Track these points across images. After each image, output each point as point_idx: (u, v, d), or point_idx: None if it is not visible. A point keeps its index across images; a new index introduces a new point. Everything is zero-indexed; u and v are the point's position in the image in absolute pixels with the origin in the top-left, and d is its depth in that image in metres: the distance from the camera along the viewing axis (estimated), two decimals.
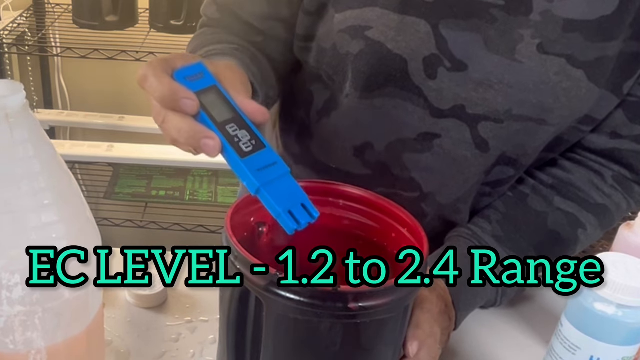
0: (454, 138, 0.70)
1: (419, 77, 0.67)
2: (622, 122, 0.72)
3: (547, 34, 0.64)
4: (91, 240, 0.49)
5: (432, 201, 0.75)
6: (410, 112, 0.69)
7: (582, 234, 0.74)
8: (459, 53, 0.66)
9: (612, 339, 0.55)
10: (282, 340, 0.51)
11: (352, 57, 0.68)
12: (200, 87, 0.50)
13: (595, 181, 0.75)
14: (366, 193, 0.60)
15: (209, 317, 0.71)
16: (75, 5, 1.70)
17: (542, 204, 0.74)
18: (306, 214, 0.48)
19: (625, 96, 0.70)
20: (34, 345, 0.47)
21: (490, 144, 0.70)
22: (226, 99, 0.51)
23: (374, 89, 0.69)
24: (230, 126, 0.49)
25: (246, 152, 0.48)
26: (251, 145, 0.49)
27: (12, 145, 0.44)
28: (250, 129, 0.50)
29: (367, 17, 0.66)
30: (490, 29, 0.65)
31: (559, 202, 0.74)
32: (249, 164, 0.48)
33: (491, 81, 0.66)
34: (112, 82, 1.96)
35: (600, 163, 0.75)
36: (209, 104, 0.50)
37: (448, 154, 0.71)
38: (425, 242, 0.54)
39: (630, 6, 0.64)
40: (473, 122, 0.69)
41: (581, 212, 0.74)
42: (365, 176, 0.75)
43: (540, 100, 0.67)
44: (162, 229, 1.83)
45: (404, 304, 0.52)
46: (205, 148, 0.48)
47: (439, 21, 0.65)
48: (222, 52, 0.68)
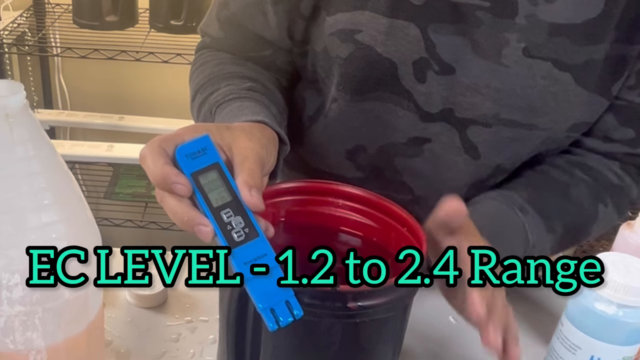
0: (444, 142, 0.70)
1: (409, 80, 0.67)
2: (612, 125, 0.71)
3: (533, 37, 0.64)
4: (91, 240, 0.49)
5: (424, 205, 0.75)
6: (400, 116, 0.69)
7: (602, 210, 0.73)
8: (446, 57, 0.66)
9: (612, 339, 0.55)
10: (282, 340, 0.51)
11: (342, 61, 0.68)
12: (202, 165, 0.48)
13: (608, 163, 0.75)
14: (366, 193, 0.60)
15: (209, 317, 0.71)
16: (75, 5, 1.70)
17: (564, 175, 0.73)
18: (288, 313, 0.47)
19: (615, 99, 0.70)
20: (34, 345, 0.47)
21: (480, 150, 0.70)
22: (227, 178, 0.49)
23: (364, 92, 0.69)
24: (225, 211, 0.48)
25: (237, 242, 0.47)
26: (244, 233, 0.47)
27: (12, 145, 0.44)
28: (246, 215, 0.48)
29: (357, 21, 0.66)
30: (477, 33, 0.65)
31: (580, 174, 0.73)
32: (237, 256, 0.47)
33: (478, 85, 0.66)
34: (112, 82, 1.96)
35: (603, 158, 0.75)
36: (207, 184, 0.48)
37: (438, 159, 0.71)
38: (425, 242, 0.54)
39: (615, 9, 0.64)
40: (462, 126, 0.69)
41: (600, 189, 0.73)
42: (358, 179, 0.75)
43: (528, 104, 0.66)
44: (162, 229, 1.83)
45: (404, 303, 0.52)
46: (199, 234, 0.48)
47: (427, 24, 0.65)
48: (239, 96, 0.65)
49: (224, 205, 0.48)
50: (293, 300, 0.47)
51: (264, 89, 0.70)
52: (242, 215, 0.48)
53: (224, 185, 0.48)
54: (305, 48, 0.72)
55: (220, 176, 0.49)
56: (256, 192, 0.48)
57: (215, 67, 0.72)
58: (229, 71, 0.71)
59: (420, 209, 0.75)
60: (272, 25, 0.71)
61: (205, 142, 0.49)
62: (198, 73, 0.73)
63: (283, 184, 0.60)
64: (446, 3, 0.64)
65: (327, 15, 0.68)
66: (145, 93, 1.94)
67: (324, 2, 0.68)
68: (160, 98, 1.89)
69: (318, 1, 0.68)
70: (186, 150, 0.49)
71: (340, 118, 0.73)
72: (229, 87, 0.67)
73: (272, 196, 0.59)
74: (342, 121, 0.73)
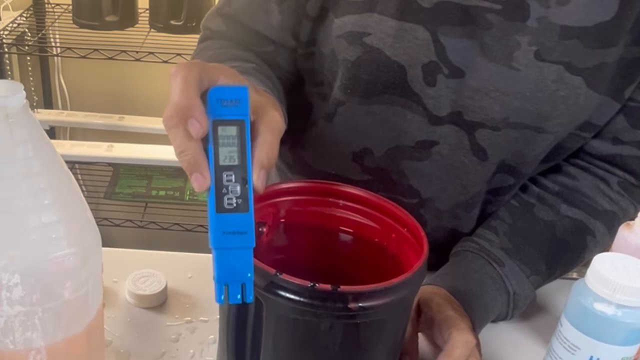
0: (452, 144, 0.70)
1: (418, 84, 0.67)
2: (623, 127, 0.71)
3: (544, 40, 0.64)
4: (91, 240, 0.49)
5: (431, 207, 0.75)
6: (408, 119, 0.69)
7: (590, 241, 0.73)
8: (456, 60, 0.65)
9: (611, 339, 0.55)
10: (282, 341, 0.51)
11: (349, 64, 0.67)
12: (229, 116, 0.46)
13: (602, 187, 0.74)
14: (366, 193, 0.60)
15: (209, 317, 0.71)
16: (75, 5, 1.70)
17: (549, 212, 0.73)
18: (239, 294, 0.46)
19: (627, 102, 0.69)
20: (34, 345, 0.47)
21: (488, 152, 0.70)
22: (245, 141, 0.46)
23: (372, 95, 0.68)
24: (228, 173, 0.46)
25: (225, 209, 0.46)
26: (235, 203, 0.46)
27: (12, 145, 0.44)
28: (244, 186, 0.46)
29: (366, 23, 0.65)
30: (487, 36, 0.64)
31: (565, 209, 0.73)
32: (219, 222, 0.45)
33: (487, 89, 0.66)
34: (112, 82, 1.96)
35: (605, 169, 0.74)
36: (223, 139, 0.46)
37: (446, 161, 0.71)
38: (425, 242, 0.54)
39: (630, 11, 0.63)
40: (470, 129, 0.69)
41: (589, 219, 0.73)
42: (364, 182, 0.74)
43: (538, 108, 0.66)
44: (162, 229, 1.83)
45: (404, 304, 0.52)
46: (194, 181, 0.46)
47: (437, 27, 0.64)
48: (245, 71, 0.65)
49: (229, 167, 0.46)
50: (249, 285, 0.46)
51: (267, 75, 0.69)
52: (242, 184, 0.46)
53: (238, 146, 0.46)
54: (311, 49, 0.72)
55: (239, 135, 0.46)
56: (264, 175, 0.47)
57: (218, 50, 0.72)
58: (233, 54, 0.70)
59: (426, 212, 0.75)
60: (275, 25, 0.71)
61: (242, 94, 0.46)
62: (199, 56, 0.72)
63: (283, 184, 0.60)
64: (456, 6, 0.63)
65: (335, 17, 0.67)
66: (145, 93, 1.94)
67: (331, 3, 0.67)
68: (160, 98, 1.89)
69: (325, 2, 0.67)
70: (221, 94, 0.46)
71: (347, 121, 0.72)
72: (234, 64, 0.66)
73: (272, 196, 0.59)
74: (349, 124, 0.72)
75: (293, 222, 0.60)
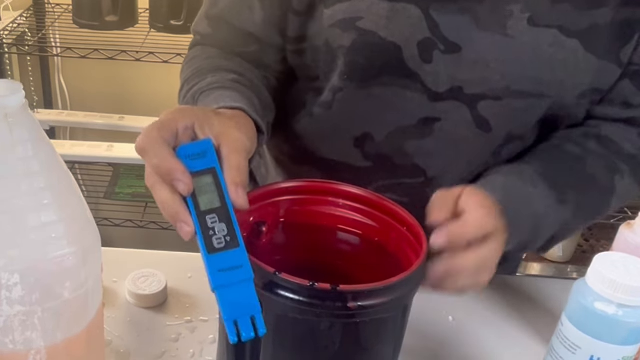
0: (455, 120, 0.70)
1: (414, 62, 0.67)
2: (631, 92, 0.71)
3: (536, 6, 0.65)
4: (91, 240, 0.49)
5: (437, 185, 0.74)
6: (408, 98, 0.69)
7: (619, 181, 0.72)
8: (451, 35, 0.66)
9: (612, 339, 0.55)
10: (282, 340, 0.51)
11: (345, 50, 0.68)
12: (198, 167, 0.50)
13: (625, 134, 0.74)
14: (366, 192, 0.60)
15: (209, 317, 0.71)
16: (75, 5, 1.70)
17: (576, 148, 0.72)
18: (251, 328, 0.47)
19: (629, 65, 0.69)
20: (34, 345, 0.47)
21: (492, 123, 0.70)
22: (221, 185, 0.50)
23: (370, 78, 0.69)
24: (211, 217, 0.49)
25: (216, 249, 0.48)
26: (224, 242, 0.48)
27: (11, 145, 0.44)
28: (230, 224, 0.49)
29: (357, 8, 0.66)
30: (479, 9, 0.65)
31: (593, 146, 0.73)
32: (214, 262, 0.48)
33: (486, 59, 0.66)
34: (112, 82, 1.96)
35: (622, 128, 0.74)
36: (199, 188, 0.49)
37: (450, 136, 0.71)
38: (424, 241, 0.54)
39: None
40: (472, 102, 0.69)
41: (617, 160, 0.72)
42: (366, 167, 0.75)
43: (538, 74, 0.67)
44: (162, 229, 1.83)
45: (404, 303, 0.52)
46: (180, 231, 0.49)
47: (429, 5, 0.65)
48: (223, 86, 0.66)
49: (211, 211, 0.49)
50: (259, 317, 0.47)
51: (249, 82, 0.70)
52: (227, 223, 0.49)
53: (215, 191, 0.50)
54: (302, 46, 0.72)
55: (214, 181, 0.50)
56: (242, 192, 0.50)
57: (204, 61, 0.73)
58: (217, 65, 0.72)
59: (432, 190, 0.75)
60: (258, 21, 0.72)
61: (206, 145, 0.51)
62: (187, 67, 0.74)
63: (283, 183, 0.60)
64: None
65: (324, 8, 0.68)
66: (145, 93, 1.94)
67: None
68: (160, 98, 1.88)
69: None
70: (187, 151, 0.51)
71: (346, 107, 0.73)
72: (214, 78, 0.68)
73: (271, 196, 0.59)
74: (349, 110, 0.73)
75: (293, 222, 0.60)
